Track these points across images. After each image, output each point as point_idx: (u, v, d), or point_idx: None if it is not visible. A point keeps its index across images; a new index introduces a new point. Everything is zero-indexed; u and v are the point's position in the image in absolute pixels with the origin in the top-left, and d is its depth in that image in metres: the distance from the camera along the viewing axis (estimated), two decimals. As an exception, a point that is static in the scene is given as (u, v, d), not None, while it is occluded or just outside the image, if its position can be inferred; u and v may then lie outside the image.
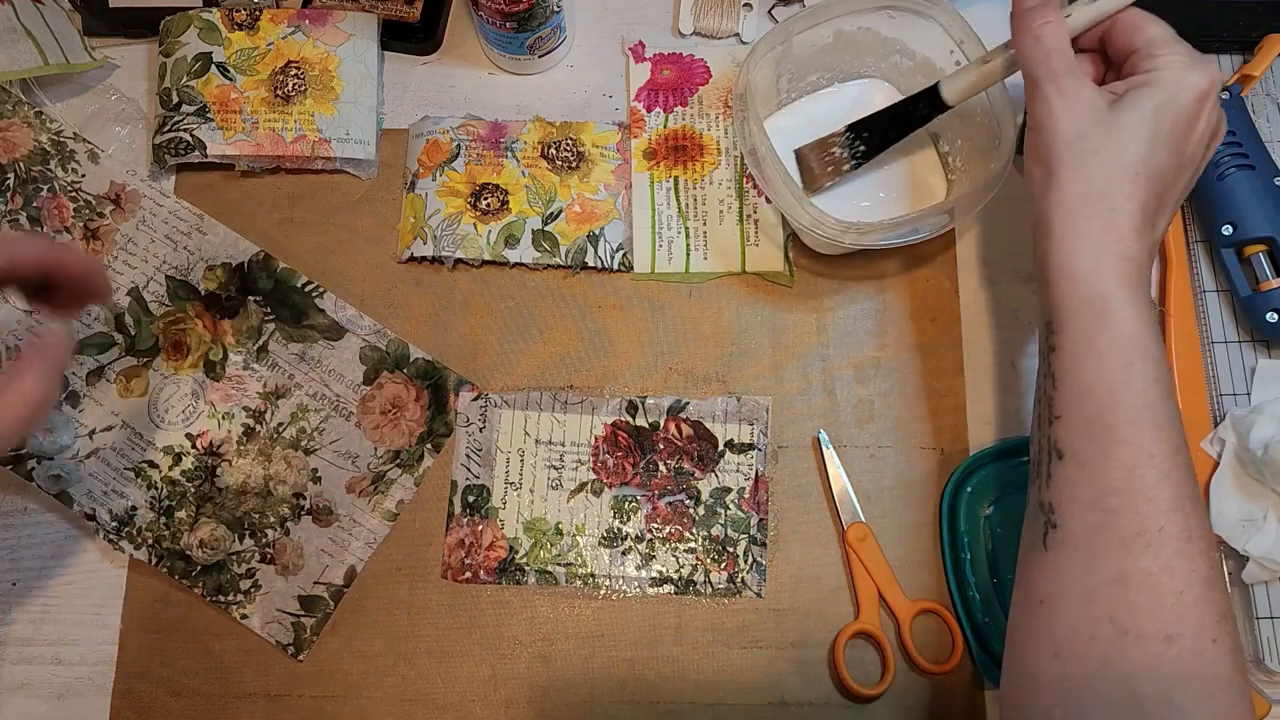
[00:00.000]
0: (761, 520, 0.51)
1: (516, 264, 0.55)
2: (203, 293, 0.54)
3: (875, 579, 0.50)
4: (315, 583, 0.50)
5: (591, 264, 0.54)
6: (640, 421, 0.53)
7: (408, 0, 0.58)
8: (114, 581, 0.51)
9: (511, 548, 0.51)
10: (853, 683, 0.48)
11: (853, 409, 0.53)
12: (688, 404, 0.53)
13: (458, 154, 0.56)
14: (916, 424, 0.53)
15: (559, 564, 0.51)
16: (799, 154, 0.52)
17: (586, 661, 0.50)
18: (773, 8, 0.59)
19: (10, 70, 0.53)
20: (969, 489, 0.50)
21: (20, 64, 0.53)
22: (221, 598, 0.50)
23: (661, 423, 0.53)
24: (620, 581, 0.51)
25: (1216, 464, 0.51)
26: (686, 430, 0.52)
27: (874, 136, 0.52)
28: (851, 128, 0.52)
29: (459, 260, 0.55)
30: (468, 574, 0.51)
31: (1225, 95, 0.53)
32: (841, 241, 0.48)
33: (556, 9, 0.53)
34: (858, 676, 0.49)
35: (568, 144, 0.56)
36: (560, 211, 0.55)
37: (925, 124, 0.51)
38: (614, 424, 0.52)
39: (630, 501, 0.51)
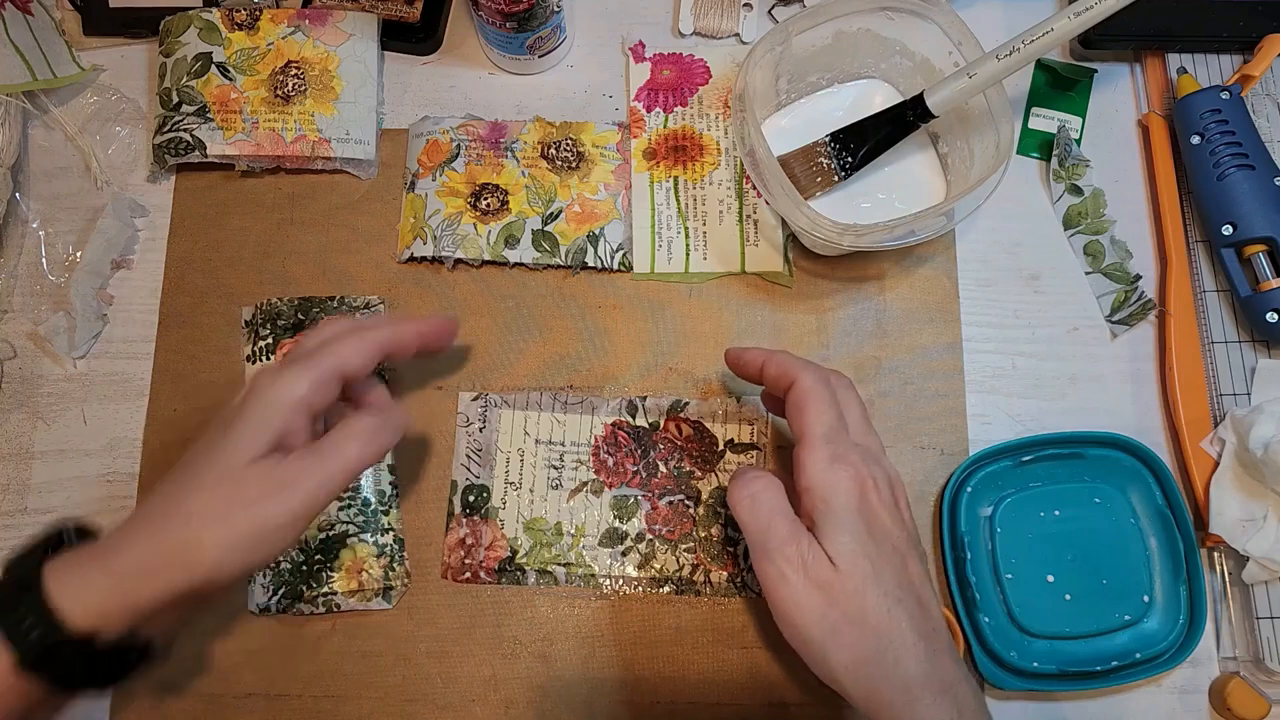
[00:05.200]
0: (761, 520, 0.51)
1: (516, 264, 0.55)
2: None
3: (875, 579, 0.50)
4: (315, 583, 0.50)
5: (591, 264, 0.54)
6: (640, 421, 0.53)
7: (408, 0, 0.58)
8: (114, 581, 0.51)
9: (511, 548, 0.51)
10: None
11: (853, 409, 0.53)
12: (688, 404, 0.53)
13: (458, 154, 0.56)
14: (916, 424, 0.53)
15: (559, 564, 0.51)
16: (783, 161, 0.52)
17: (586, 661, 0.50)
18: (773, 8, 0.59)
19: (-2, 86, 0.53)
20: (969, 489, 0.51)
21: (8, 79, 0.53)
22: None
23: (661, 423, 0.53)
24: (620, 581, 0.51)
25: (1216, 464, 0.51)
26: (686, 430, 0.52)
27: (859, 145, 0.52)
28: (835, 136, 0.52)
29: (459, 260, 0.55)
30: (468, 574, 0.51)
31: (1225, 95, 0.53)
32: (839, 243, 0.48)
33: (556, 9, 0.53)
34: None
35: (568, 144, 0.56)
36: (560, 212, 0.55)
37: (911, 133, 0.52)
38: (614, 424, 0.52)
39: (630, 501, 0.51)
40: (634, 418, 0.53)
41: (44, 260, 0.55)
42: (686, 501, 0.51)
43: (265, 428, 0.38)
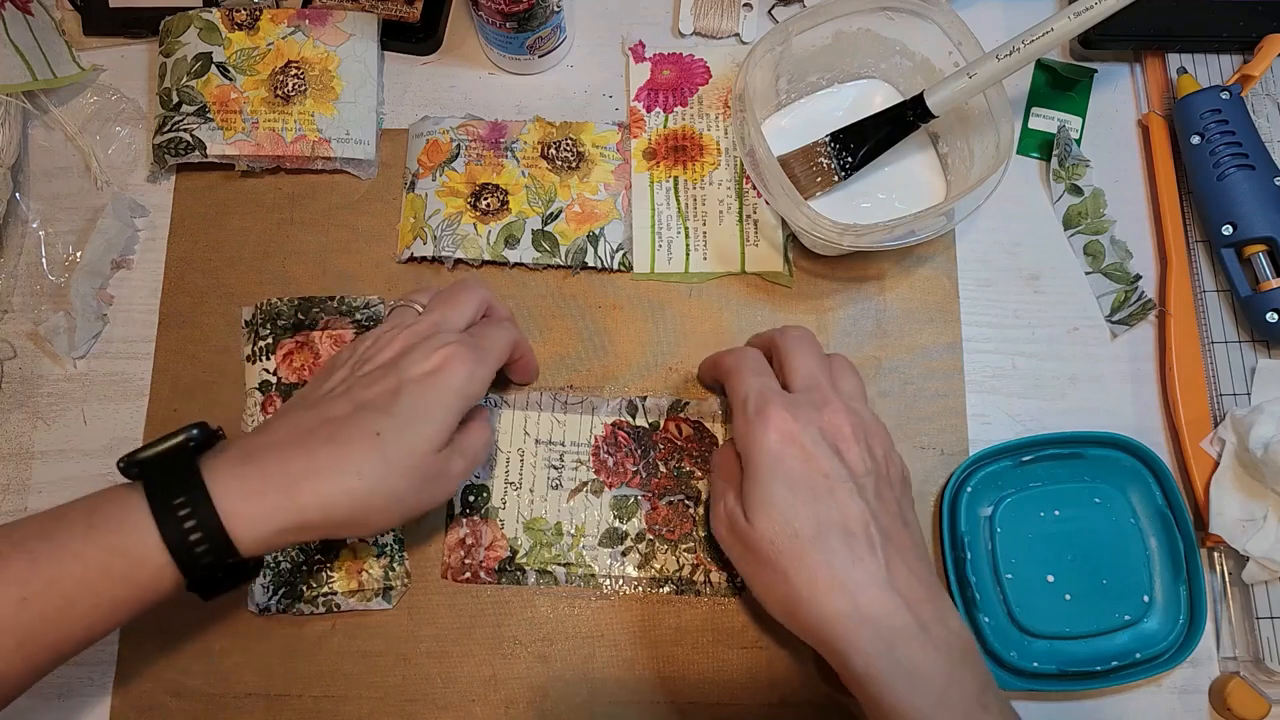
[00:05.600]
0: (761, 520, 0.51)
1: (516, 264, 0.55)
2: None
3: (875, 579, 0.50)
4: (315, 583, 0.50)
5: (591, 264, 0.54)
6: (640, 421, 0.53)
7: (408, 0, 0.58)
8: (114, 581, 0.51)
9: (511, 548, 0.51)
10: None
11: (853, 409, 0.53)
12: (688, 404, 0.53)
13: (458, 154, 0.56)
14: (916, 424, 0.53)
15: (559, 564, 0.51)
16: (783, 162, 0.52)
17: (586, 661, 0.50)
18: (773, 8, 0.59)
19: (-2, 86, 0.53)
20: (969, 489, 0.51)
21: (8, 79, 0.53)
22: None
23: (661, 423, 0.53)
24: (620, 581, 0.51)
25: (1216, 464, 0.51)
26: (686, 430, 0.52)
27: (859, 145, 0.52)
28: (835, 136, 0.52)
29: (459, 260, 0.55)
30: (468, 574, 0.51)
31: (1225, 95, 0.53)
32: (839, 243, 0.48)
33: (556, 9, 0.53)
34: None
35: (568, 144, 0.56)
36: (560, 211, 0.55)
37: (911, 133, 0.52)
38: (614, 424, 0.52)
39: (630, 501, 0.51)
40: (634, 418, 0.53)
41: (44, 260, 0.55)
42: (686, 501, 0.51)
43: (456, 420, 0.42)
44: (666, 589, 0.50)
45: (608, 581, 0.50)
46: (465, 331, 0.46)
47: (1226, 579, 0.51)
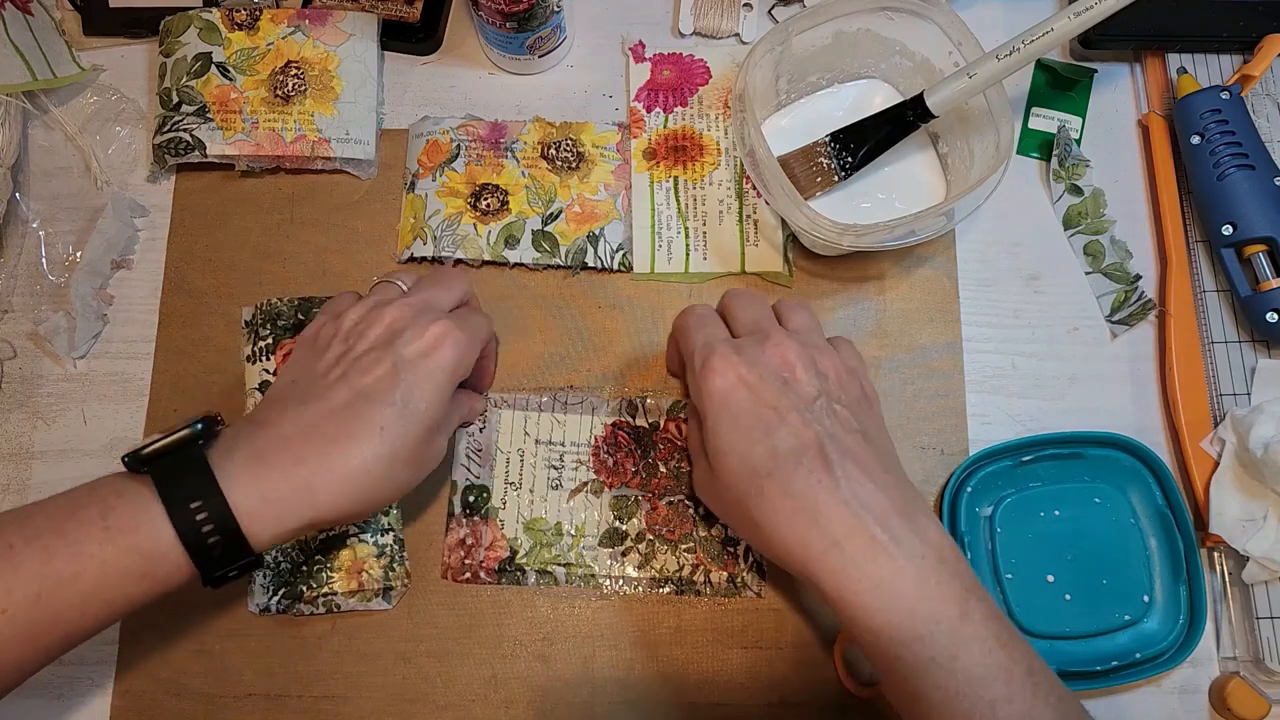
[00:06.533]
0: (761, 520, 0.51)
1: (516, 264, 0.55)
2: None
3: (875, 579, 0.50)
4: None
5: (591, 264, 0.54)
6: (640, 421, 0.53)
7: (408, 0, 0.58)
8: (114, 581, 0.51)
9: (511, 548, 0.51)
10: (852, 683, 0.48)
11: (853, 409, 0.53)
12: (688, 404, 0.53)
13: (458, 154, 0.56)
14: (916, 424, 0.53)
15: (559, 564, 0.51)
16: (783, 162, 0.52)
17: (586, 661, 0.50)
18: (773, 8, 0.59)
19: (-1, 86, 0.53)
20: (969, 489, 0.50)
21: (8, 79, 0.53)
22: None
23: (661, 423, 0.53)
24: (620, 581, 0.51)
25: (1216, 464, 0.51)
26: (686, 430, 0.52)
27: (859, 145, 0.52)
28: (835, 136, 0.52)
29: (459, 261, 0.55)
30: (468, 574, 0.51)
31: (1225, 95, 0.53)
32: (839, 243, 0.48)
33: (556, 9, 0.53)
34: (858, 676, 0.49)
35: (568, 144, 0.56)
36: (560, 212, 0.55)
37: (911, 133, 0.52)
38: (614, 424, 0.52)
39: (630, 501, 0.51)
40: (634, 418, 0.53)
41: (44, 260, 0.55)
42: (686, 501, 0.51)
43: (446, 400, 0.43)
44: (666, 589, 0.50)
45: (608, 581, 0.50)
46: (452, 313, 0.46)
47: (1226, 579, 0.51)
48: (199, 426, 0.39)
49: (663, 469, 0.52)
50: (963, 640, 0.37)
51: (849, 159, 0.52)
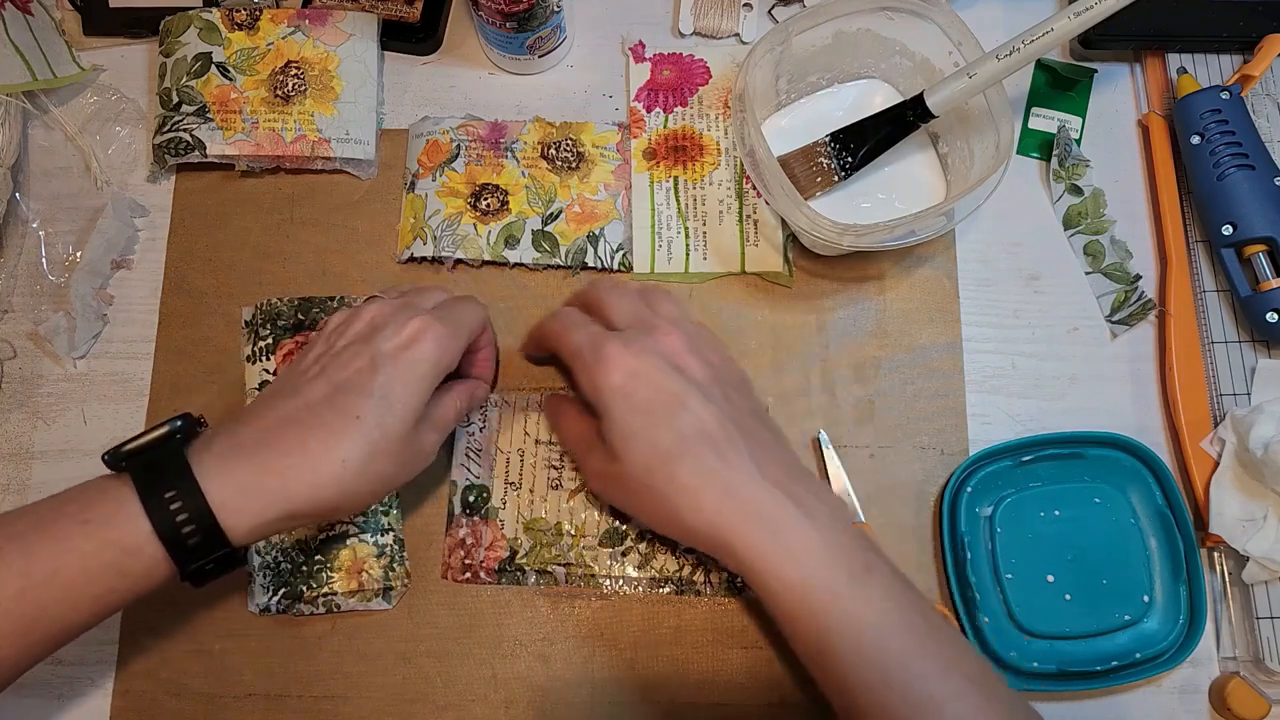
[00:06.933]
0: (761, 520, 0.51)
1: (516, 264, 0.55)
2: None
3: (875, 579, 0.50)
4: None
5: (591, 264, 0.54)
6: (640, 421, 0.52)
7: (408, 0, 0.58)
8: (114, 581, 0.51)
9: (511, 548, 0.51)
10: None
11: (852, 409, 0.53)
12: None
13: (458, 154, 0.56)
14: (916, 424, 0.53)
15: (559, 564, 0.51)
16: (783, 162, 0.52)
17: (586, 661, 0.50)
18: (773, 8, 0.59)
19: (-1, 86, 0.53)
20: (969, 489, 0.50)
21: (8, 79, 0.53)
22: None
23: (661, 423, 0.52)
24: (620, 581, 0.51)
25: (1216, 464, 0.51)
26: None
27: (859, 145, 0.52)
28: (835, 136, 0.52)
29: (459, 261, 0.55)
30: (468, 574, 0.51)
31: (1225, 95, 0.53)
32: (839, 243, 0.48)
33: (556, 9, 0.53)
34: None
35: (568, 144, 0.56)
36: (560, 212, 0.55)
37: (911, 133, 0.52)
38: (614, 424, 0.52)
39: (630, 501, 0.51)
40: (634, 418, 0.53)
41: (44, 260, 0.55)
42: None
43: (429, 393, 0.43)
44: (666, 589, 0.50)
45: (608, 581, 0.50)
46: (435, 308, 0.46)
47: (1226, 579, 0.51)
48: (178, 424, 0.40)
49: (663, 469, 0.52)
50: (869, 594, 0.39)
51: (849, 159, 0.52)
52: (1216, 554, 0.51)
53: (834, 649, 0.39)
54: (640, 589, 0.50)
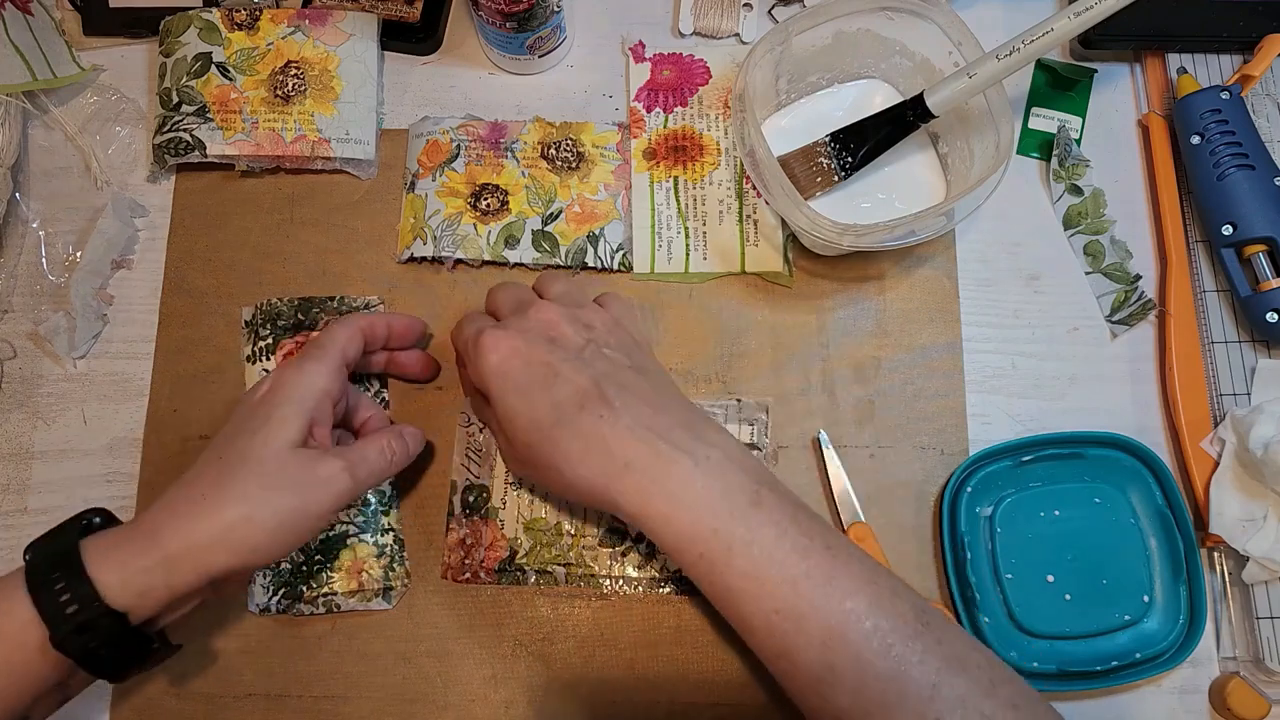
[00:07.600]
0: (761, 520, 0.51)
1: (516, 264, 0.55)
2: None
3: (875, 579, 0.50)
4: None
5: (591, 264, 0.54)
6: (640, 421, 0.52)
7: (408, 0, 0.58)
8: (114, 581, 0.51)
9: (511, 548, 0.51)
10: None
11: (852, 409, 0.53)
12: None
13: (458, 154, 0.56)
14: (916, 424, 0.53)
15: (559, 564, 0.51)
16: (783, 162, 0.52)
17: (586, 661, 0.50)
18: (773, 8, 0.59)
19: None
20: (969, 489, 0.51)
21: (8, 79, 0.53)
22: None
23: (661, 423, 0.52)
24: (620, 581, 0.51)
25: (1216, 464, 0.51)
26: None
27: (859, 145, 0.52)
28: (835, 136, 0.52)
29: (459, 261, 0.55)
30: (468, 574, 0.51)
31: (1225, 95, 0.53)
32: (839, 243, 0.48)
33: (556, 9, 0.53)
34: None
35: (568, 144, 0.56)
36: (560, 212, 0.55)
37: (911, 133, 0.52)
38: (614, 424, 0.52)
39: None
40: (634, 418, 0.53)
41: (44, 260, 0.55)
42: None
43: (302, 415, 0.42)
44: (666, 589, 0.50)
45: (608, 581, 0.50)
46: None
47: (1226, 579, 0.51)
48: (97, 520, 0.40)
49: (663, 469, 0.52)
50: (757, 524, 0.39)
51: (849, 159, 0.52)
52: (1216, 554, 0.51)
53: (725, 582, 0.39)
54: (640, 589, 0.50)
